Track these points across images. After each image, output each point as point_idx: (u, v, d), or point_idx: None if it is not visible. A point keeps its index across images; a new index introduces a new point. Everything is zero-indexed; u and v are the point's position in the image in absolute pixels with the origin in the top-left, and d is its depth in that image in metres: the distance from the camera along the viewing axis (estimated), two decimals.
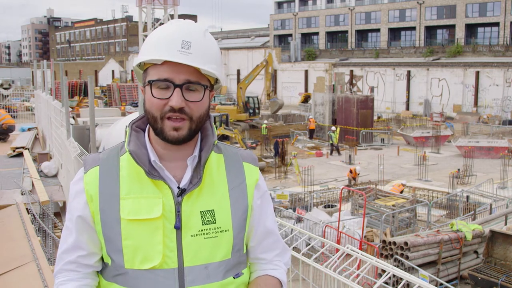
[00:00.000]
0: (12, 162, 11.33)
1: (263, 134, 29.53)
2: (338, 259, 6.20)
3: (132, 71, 61.12)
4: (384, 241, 10.25)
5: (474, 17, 54.57)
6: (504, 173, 20.17)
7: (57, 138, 9.59)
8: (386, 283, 8.01)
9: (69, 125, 7.91)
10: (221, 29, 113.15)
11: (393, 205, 13.85)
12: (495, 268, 9.38)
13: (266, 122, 33.01)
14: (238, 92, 35.95)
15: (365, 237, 12.32)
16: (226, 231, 1.52)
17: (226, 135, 27.29)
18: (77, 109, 24.23)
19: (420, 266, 9.51)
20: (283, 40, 75.74)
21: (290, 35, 73.54)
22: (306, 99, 49.48)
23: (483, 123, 38.02)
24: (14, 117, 19.41)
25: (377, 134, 32.45)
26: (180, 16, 72.59)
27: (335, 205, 15.89)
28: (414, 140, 28.88)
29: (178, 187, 1.50)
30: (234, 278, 1.55)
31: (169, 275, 1.47)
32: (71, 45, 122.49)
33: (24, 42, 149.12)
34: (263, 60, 36.89)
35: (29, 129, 16.20)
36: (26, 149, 12.04)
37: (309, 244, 7.20)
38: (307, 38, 72.47)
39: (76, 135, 7.99)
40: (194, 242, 1.48)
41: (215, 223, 1.50)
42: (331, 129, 28.39)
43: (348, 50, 64.06)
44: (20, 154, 11.87)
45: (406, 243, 9.62)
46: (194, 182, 1.51)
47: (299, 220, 13.42)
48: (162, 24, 1.74)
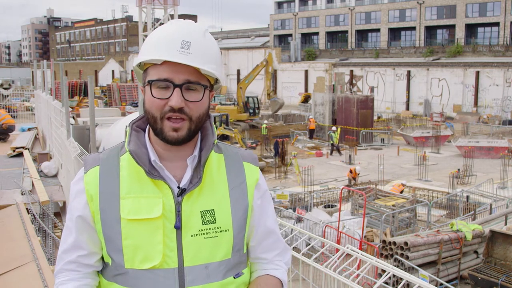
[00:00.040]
0: (12, 162, 11.33)
1: (263, 134, 29.53)
2: (338, 259, 6.20)
3: (132, 71, 61.12)
4: (384, 241, 10.25)
5: (474, 17, 54.57)
6: (504, 173, 20.16)
7: (57, 138, 9.59)
8: (386, 283, 8.01)
9: (69, 125, 7.91)
10: (221, 29, 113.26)
11: (393, 205, 13.85)
12: (495, 268, 9.38)
13: (266, 122, 33.01)
14: (238, 92, 35.92)
15: (365, 237, 12.32)
16: (226, 231, 1.52)
17: (226, 135, 27.29)
18: (77, 109, 24.23)
19: (420, 266, 9.51)
20: (283, 40, 75.75)
21: (290, 35, 73.54)
22: (306, 99, 49.47)
23: (483, 123, 38.02)
24: (14, 117, 19.41)
25: (377, 134, 32.45)
26: (180, 16, 72.59)
27: (335, 205, 15.89)
28: (414, 140, 28.88)
29: (178, 187, 1.50)
30: (235, 278, 1.55)
31: (169, 275, 1.47)
32: (71, 45, 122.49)
33: (24, 42, 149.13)
34: (263, 60, 36.84)
35: (29, 129, 16.20)
36: (26, 149, 12.04)
37: (309, 244, 7.20)
38: (307, 38, 72.47)
39: (76, 135, 7.99)
40: (194, 242, 1.48)
41: (215, 223, 1.51)
42: (332, 129, 28.36)
43: (348, 50, 64.06)
44: (20, 154, 11.88)
45: (406, 243, 9.62)
46: (194, 182, 1.51)
47: (299, 220, 13.41)
48: (162, 24, 1.74)
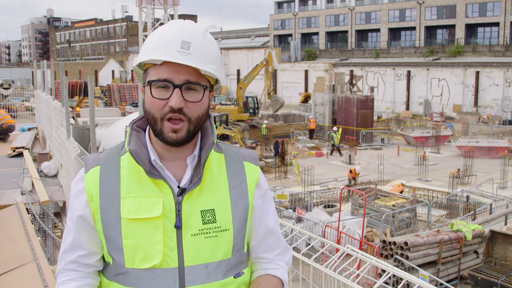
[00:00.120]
0: (12, 162, 11.33)
1: (263, 134, 29.53)
2: (338, 259, 6.20)
3: (132, 71, 61.14)
4: (384, 241, 10.25)
5: (474, 17, 54.58)
6: (504, 173, 20.16)
7: (57, 138, 9.59)
8: (386, 283, 8.01)
9: (69, 125, 7.91)
10: (221, 29, 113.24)
11: (393, 205, 13.85)
12: (495, 268, 9.38)
13: (266, 122, 33.00)
14: (238, 92, 35.89)
15: (365, 237, 12.32)
16: (227, 231, 1.52)
17: (226, 135, 27.29)
18: (77, 109, 24.22)
19: (420, 266, 9.51)
20: (283, 40, 75.75)
21: (290, 35, 73.54)
22: (306, 99, 49.47)
23: (483, 123, 38.02)
24: (14, 117, 19.42)
25: (377, 134, 32.45)
26: (180, 16, 72.60)
27: (335, 205, 15.89)
28: (414, 140, 28.88)
29: (179, 186, 1.50)
30: (235, 278, 1.55)
31: (169, 275, 1.47)
32: (71, 45, 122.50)
33: (24, 42, 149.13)
34: (263, 60, 36.79)
35: (29, 129, 16.20)
36: (26, 149, 12.04)
37: (309, 244, 7.20)
38: (307, 38, 72.47)
39: (76, 135, 7.99)
40: (195, 242, 1.48)
41: (216, 222, 1.51)
42: (333, 129, 28.32)
43: (348, 50, 64.07)
44: (20, 154, 11.88)
45: (406, 243, 9.62)
46: (194, 182, 1.51)
47: (299, 220, 13.41)
48: (162, 24, 1.75)
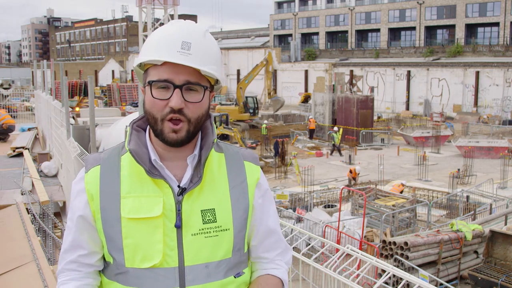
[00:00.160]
0: (12, 162, 11.34)
1: (263, 134, 29.52)
2: (338, 259, 6.20)
3: (132, 71, 61.18)
4: (384, 241, 10.25)
5: (474, 17, 54.57)
6: (504, 173, 20.16)
7: (57, 138, 9.59)
8: (386, 283, 8.01)
9: (69, 125, 7.91)
10: (221, 29, 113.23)
11: (393, 205, 13.85)
12: (495, 268, 9.38)
13: (266, 122, 32.99)
14: (238, 92, 35.86)
15: (365, 237, 12.32)
16: (227, 230, 1.52)
17: (226, 135, 27.29)
18: (77, 109, 24.21)
19: (420, 266, 9.51)
20: (283, 40, 75.74)
21: (290, 35, 73.54)
22: (306, 99, 49.46)
23: (483, 123, 38.01)
24: (14, 117, 19.43)
25: (377, 134, 32.45)
26: (180, 16, 72.60)
27: (335, 205, 15.89)
28: (414, 140, 28.87)
29: (179, 186, 1.50)
30: (235, 278, 1.55)
31: (170, 274, 1.47)
32: (71, 45, 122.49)
33: (24, 42, 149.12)
34: (263, 59, 36.75)
35: (29, 129, 16.21)
36: (26, 149, 12.04)
37: (309, 244, 7.20)
38: (307, 38, 72.47)
39: (76, 135, 7.99)
40: (195, 241, 1.49)
41: (216, 222, 1.51)
42: (333, 130, 28.30)
43: (348, 50, 64.07)
44: (20, 154, 11.88)
45: (406, 243, 9.62)
46: (195, 181, 1.51)
47: (299, 220, 13.41)
48: (162, 24, 1.75)
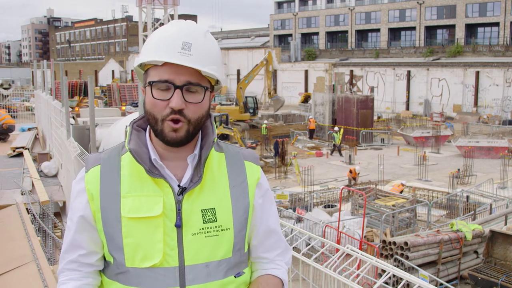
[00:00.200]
0: (12, 162, 11.34)
1: (263, 134, 29.52)
2: (338, 259, 6.20)
3: (132, 71, 61.19)
4: (384, 241, 10.25)
5: (474, 17, 54.58)
6: (504, 173, 20.16)
7: (57, 138, 9.59)
8: (386, 283, 8.01)
9: (69, 125, 7.92)
10: (221, 29, 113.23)
11: (393, 205, 13.85)
12: (495, 268, 9.38)
13: (266, 122, 32.99)
14: (238, 92, 35.84)
15: (365, 237, 12.32)
16: (227, 230, 1.52)
17: (226, 135, 27.29)
18: (77, 109, 24.22)
19: (420, 266, 9.52)
20: (283, 40, 75.75)
21: (290, 35, 73.54)
22: (306, 99, 49.46)
23: (483, 123, 38.02)
24: (14, 117, 19.43)
25: (377, 134, 32.45)
26: (180, 16, 72.60)
27: (335, 205, 15.89)
28: (414, 140, 28.87)
29: (179, 185, 1.50)
30: (235, 277, 1.55)
31: (170, 274, 1.47)
32: (71, 45, 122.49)
33: (24, 42, 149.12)
34: (263, 59, 36.73)
35: (29, 129, 16.21)
36: (26, 149, 12.04)
37: (309, 244, 7.20)
38: (307, 38, 72.47)
39: (76, 135, 7.99)
40: (195, 241, 1.49)
41: (216, 222, 1.51)
42: (334, 130, 28.28)
43: (348, 50, 64.07)
44: (20, 154, 11.88)
45: (406, 243, 9.62)
46: (195, 181, 1.51)
47: (299, 220, 13.41)
48: (162, 24, 1.74)
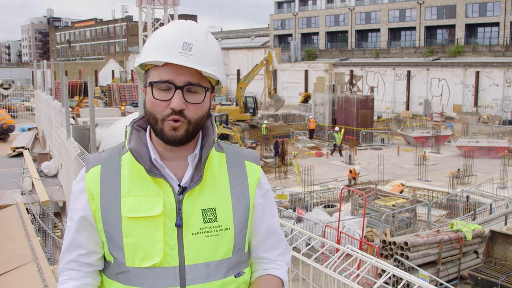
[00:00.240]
0: (12, 162, 11.34)
1: (263, 134, 29.53)
2: (338, 259, 6.19)
3: (132, 71, 61.22)
4: (384, 241, 10.25)
5: (474, 17, 54.58)
6: (504, 173, 20.16)
7: (57, 138, 9.59)
8: (386, 283, 8.01)
9: (69, 125, 7.91)
10: (221, 29, 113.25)
11: (393, 205, 13.85)
12: (495, 268, 9.38)
13: (266, 122, 32.99)
14: (238, 92, 35.84)
15: (365, 237, 12.32)
16: (228, 230, 1.52)
17: (226, 135, 27.30)
18: (77, 109, 24.23)
19: (420, 266, 9.52)
20: (283, 40, 75.75)
21: (290, 35, 73.54)
22: (306, 99, 49.46)
23: (483, 123, 38.02)
24: (14, 117, 19.43)
25: (377, 134, 32.45)
26: (180, 16, 72.60)
27: (335, 205, 15.89)
28: (414, 140, 28.88)
29: (179, 185, 1.50)
30: (235, 277, 1.55)
31: (170, 273, 1.47)
32: (71, 45, 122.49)
33: (24, 42, 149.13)
34: (263, 59, 36.74)
35: (29, 129, 16.21)
36: (26, 149, 12.04)
37: (309, 244, 7.19)
38: (307, 38, 72.47)
39: (76, 135, 7.99)
40: (195, 240, 1.49)
41: (217, 221, 1.51)
42: (335, 130, 28.26)
43: (348, 50, 64.07)
44: (20, 154, 11.88)
45: (406, 243, 9.62)
46: (195, 180, 1.51)
47: (299, 220, 13.41)
48: (162, 24, 1.74)
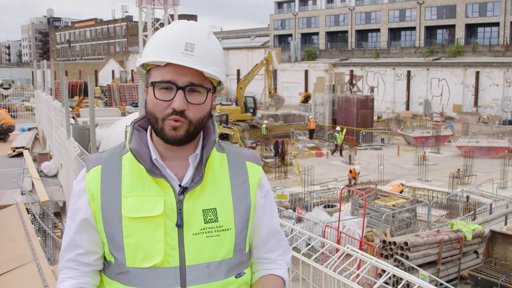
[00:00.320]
0: (12, 162, 11.34)
1: (263, 134, 29.53)
2: (338, 259, 6.19)
3: (132, 71, 61.18)
4: (384, 241, 10.25)
5: (474, 17, 54.59)
6: (504, 173, 20.16)
7: (57, 138, 9.59)
8: (386, 283, 8.01)
9: (69, 125, 7.91)
10: (221, 29, 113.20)
11: (393, 205, 13.85)
12: (495, 268, 9.38)
13: (266, 122, 33.00)
14: (238, 92, 35.84)
15: (365, 237, 12.32)
16: (228, 230, 1.52)
17: (226, 134, 27.32)
18: (77, 109, 24.24)
19: (420, 266, 9.52)
20: (283, 40, 75.75)
21: (290, 35, 73.55)
22: (306, 99, 49.46)
23: (483, 123, 38.02)
24: (14, 117, 19.43)
25: (377, 134, 32.46)
26: (180, 16, 72.56)
27: (335, 205, 15.89)
28: (414, 140, 28.88)
29: (180, 185, 1.50)
30: (236, 278, 1.55)
31: (171, 274, 1.47)
32: (71, 45, 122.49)
33: (24, 42, 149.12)
34: (263, 59, 36.73)
35: (29, 129, 16.21)
36: (26, 149, 12.04)
37: (309, 244, 7.19)
38: (307, 38, 72.48)
39: (76, 135, 7.99)
40: (196, 241, 1.48)
41: (217, 222, 1.50)
42: (336, 130, 28.25)
43: (348, 50, 64.08)
44: (20, 154, 11.88)
45: (406, 243, 9.62)
46: (196, 180, 1.51)
47: (299, 220, 13.41)
48: (162, 24, 1.74)
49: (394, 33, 62.90)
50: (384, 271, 7.04)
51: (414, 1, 59.02)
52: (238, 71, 64.51)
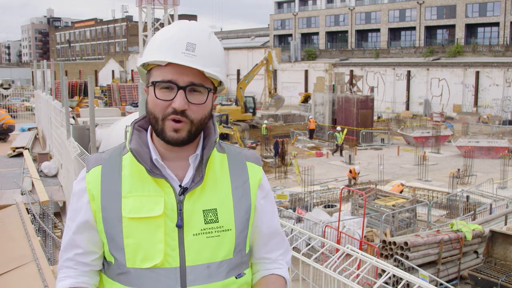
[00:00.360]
0: (12, 162, 11.34)
1: (263, 134, 29.53)
2: (338, 259, 6.19)
3: (132, 71, 61.19)
4: (384, 241, 10.25)
5: (474, 17, 54.60)
6: (504, 173, 20.16)
7: (57, 138, 9.59)
8: (386, 283, 8.01)
9: (69, 125, 7.91)
10: (221, 29, 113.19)
11: (393, 205, 13.85)
12: (495, 268, 9.38)
13: (266, 122, 33.00)
14: (238, 92, 35.83)
15: (365, 237, 12.32)
16: (229, 230, 1.52)
17: (226, 134, 27.33)
18: (77, 109, 24.24)
19: (420, 266, 9.52)
20: (283, 40, 75.76)
21: (290, 35, 73.55)
22: (306, 99, 49.47)
23: (483, 123, 38.02)
24: (14, 117, 19.43)
25: (377, 134, 32.46)
26: (180, 16, 72.58)
27: (335, 205, 15.89)
28: (414, 140, 28.88)
29: (180, 186, 1.50)
30: (236, 278, 1.55)
31: (171, 274, 1.47)
32: (71, 45, 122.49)
33: (24, 42, 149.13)
34: (263, 58, 36.74)
35: (29, 129, 16.21)
36: (26, 149, 12.04)
37: (309, 244, 7.19)
38: (307, 38, 72.48)
39: (76, 135, 7.99)
40: (196, 241, 1.48)
41: (218, 222, 1.50)
42: (336, 129, 28.24)
43: (348, 50, 64.08)
44: (20, 154, 11.88)
45: (406, 243, 9.62)
46: (196, 181, 1.51)
47: (299, 220, 13.41)
48: (162, 24, 1.74)
49: (394, 33, 62.91)
50: (384, 271, 7.04)
51: (414, 1, 59.02)
52: (238, 71, 64.53)
